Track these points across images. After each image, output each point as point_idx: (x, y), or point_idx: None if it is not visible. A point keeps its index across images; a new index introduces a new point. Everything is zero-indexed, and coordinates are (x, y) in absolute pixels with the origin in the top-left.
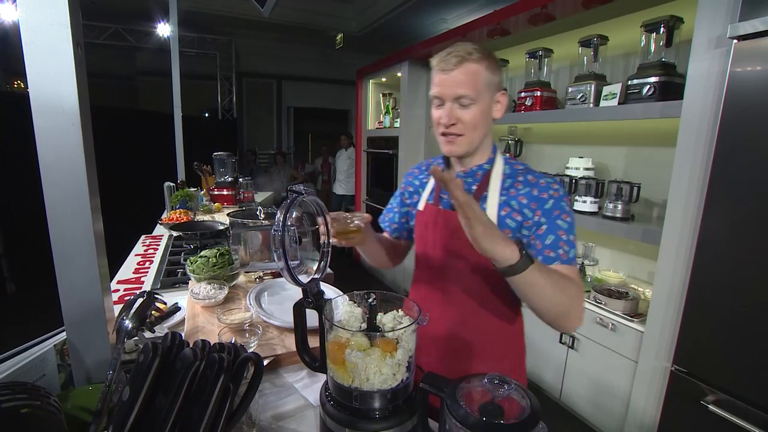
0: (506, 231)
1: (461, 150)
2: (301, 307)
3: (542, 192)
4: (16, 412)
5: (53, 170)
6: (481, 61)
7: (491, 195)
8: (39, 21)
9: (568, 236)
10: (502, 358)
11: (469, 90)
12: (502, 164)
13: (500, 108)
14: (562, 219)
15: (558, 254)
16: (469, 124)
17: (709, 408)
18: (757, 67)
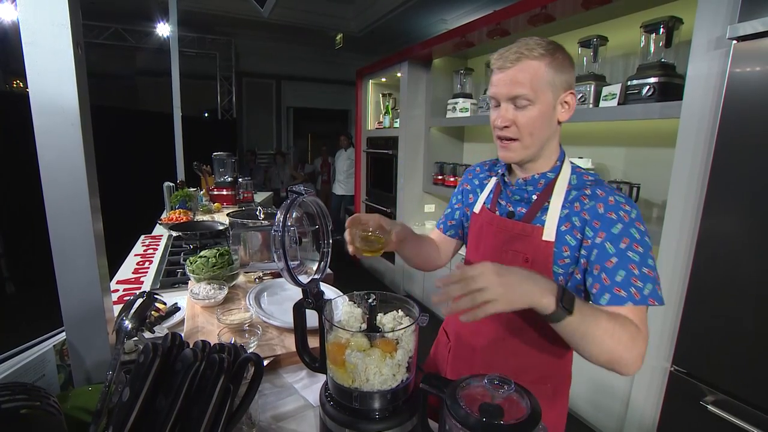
0: (564, 248)
1: (516, 156)
2: (301, 308)
3: (609, 211)
4: (16, 412)
5: (53, 170)
6: (543, 57)
7: (552, 207)
8: (39, 21)
9: (641, 270)
10: (542, 382)
11: (526, 89)
12: (569, 173)
13: (567, 110)
14: (633, 250)
15: (630, 294)
16: (525, 128)
17: (709, 408)
18: (756, 68)
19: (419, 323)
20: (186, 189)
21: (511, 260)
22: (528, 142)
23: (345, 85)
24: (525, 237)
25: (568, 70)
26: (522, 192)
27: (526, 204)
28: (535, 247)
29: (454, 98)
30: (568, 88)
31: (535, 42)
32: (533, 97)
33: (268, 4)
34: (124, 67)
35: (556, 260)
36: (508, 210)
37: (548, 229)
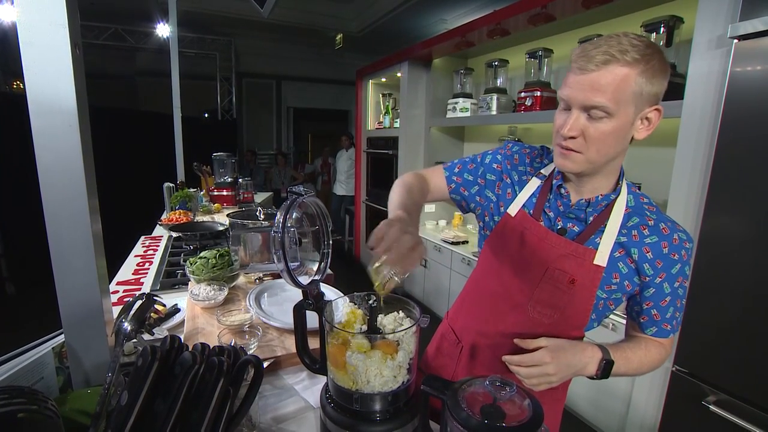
0: (614, 275)
1: (575, 168)
2: (301, 309)
3: (674, 252)
4: (13, 416)
5: (51, 171)
6: (637, 63)
7: (608, 231)
8: (37, 21)
9: (682, 302)
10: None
11: (607, 100)
12: (626, 194)
13: (646, 128)
14: (683, 287)
15: (673, 326)
16: (595, 142)
17: (711, 408)
18: (757, 67)
19: (420, 324)
20: (186, 189)
21: (557, 278)
22: (593, 158)
23: (345, 85)
24: (576, 258)
25: (660, 80)
26: (580, 212)
27: (579, 222)
28: (585, 270)
29: (455, 98)
30: (655, 102)
31: (630, 42)
32: (613, 110)
33: (267, 4)
34: (124, 68)
35: (603, 285)
36: (558, 226)
37: (601, 254)
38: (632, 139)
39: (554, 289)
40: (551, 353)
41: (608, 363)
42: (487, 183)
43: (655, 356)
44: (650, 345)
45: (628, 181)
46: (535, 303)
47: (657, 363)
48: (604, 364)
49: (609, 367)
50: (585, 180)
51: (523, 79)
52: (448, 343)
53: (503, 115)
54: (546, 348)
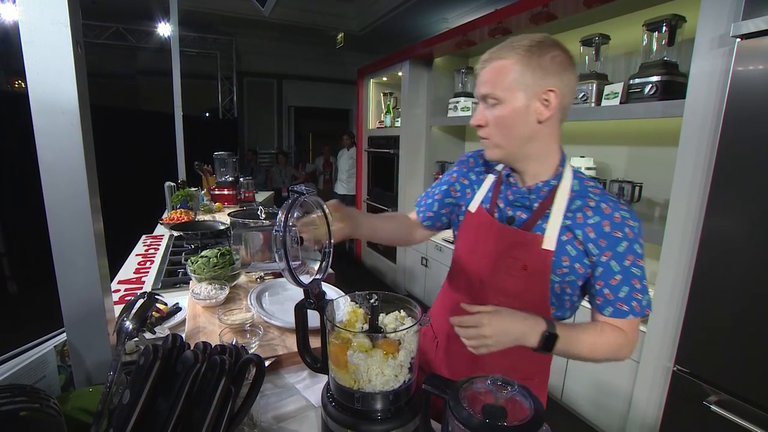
0: (563, 258)
1: (494, 156)
2: (303, 308)
3: (616, 229)
4: (15, 415)
5: (53, 170)
6: (515, 56)
7: (554, 215)
8: (38, 20)
9: (642, 283)
10: (529, 378)
11: (493, 88)
12: (571, 179)
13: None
14: (636, 265)
15: (632, 307)
16: (494, 126)
17: (712, 408)
18: (760, 66)
19: (421, 324)
20: (187, 189)
21: (510, 266)
22: (498, 141)
23: (346, 84)
24: (524, 245)
25: (545, 69)
26: (524, 200)
27: (526, 210)
28: (535, 255)
29: (456, 97)
30: (546, 86)
31: (513, 42)
32: (501, 96)
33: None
34: (125, 67)
35: (555, 269)
36: (507, 215)
37: (548, 238)
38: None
39: (509, 277)
40: (489, 317)
41: (551, 336)
42: (443, 194)
43: (612, 340)
44: (606, 328)
45: (575, 167)
46: (495, 293)
47: (616, 348)
48: (547, 336)
49: (552, 341)
50: (526, 172)
51: None
52: (427, 339)
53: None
54: (485, 312)
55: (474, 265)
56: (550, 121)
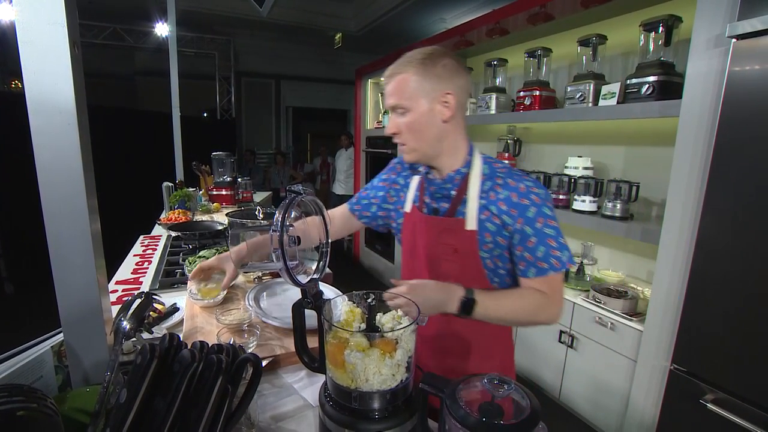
0: (486, 235)
1: (411, 158)
2: (300, 308)
3: (522, 198)
4: (13, 414)
5: (50, 170)
6: (410, 69)
7: (470, 199)
8: (35, 20)
9: (557, 241)
10: (490, 357)
11: (399, 99)
12: (481, 165)
13: (448, 108)
14: (549, 226)
15: (551, 264)
16: (406, 132)
17: (708, 407)
18: (755, 66)
19: (418, 323)
20: (185, 189)
21: (443, 252)
22: (414, 145)
23: (344, 84)
24: (451, 230)
25: (439, 76)
26: (442, 189)
27: (447, 200)
28: (461, 237)
29: None
30: (443, 90)
31: (405, 58)
32: (407, 105)
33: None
34: (123, 67)
35: (481, 246)
36: (433, 207)
37: (470, 220)
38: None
39: (445, 262)
40: (411, 287)
41: (469, 300)
42: (380, 199)
43: (532, 301)
44: (527, 291)
45: (484, 155)
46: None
47: (537, 308)
48: (464, 301)
49: (470, 305)
50: (441, 167)
51: (522, 79)
52: None
53: (502, 114)
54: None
55: (416, 259)
56: (454, 119)
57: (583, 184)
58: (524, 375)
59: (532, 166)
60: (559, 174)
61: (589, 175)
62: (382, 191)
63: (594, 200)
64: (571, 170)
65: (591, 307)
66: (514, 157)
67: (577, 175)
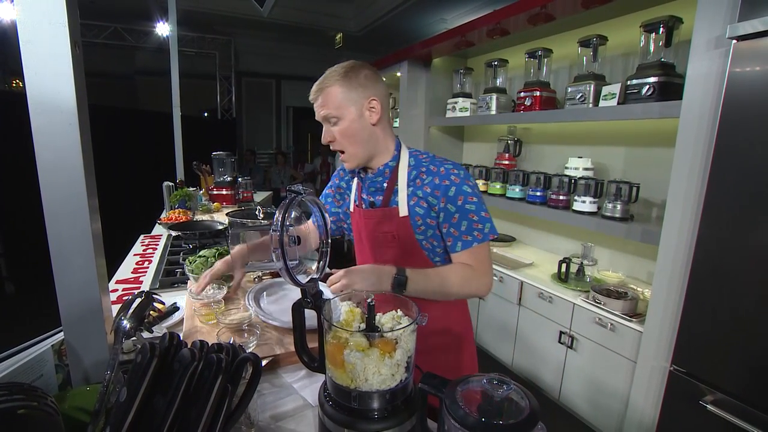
0: (417, 218)
1: (353, 164)
2: (300, 307)
3: (443, 179)
4: (13, 413)
5: (51, 170)
6: (335, 82)
7: (400, 189)
8: (36, 20)
9: (479, 215)
10: (447, 333)
11: (330, 109)
12: (407, 157)
13: (376, 113)
14: (469, 202)
15: (474, 236)
16: (342, 138)
17: (708, 408)
18: (756, 68)
19: (418, 323)
20: (185, 189)
21: (384, 240)
22: (352, 150)
23: None
24: (387, 218)
25: (363, 85)
26: (375, 184)
27: (381, 192)
28: (397, 224)
29: (454, 98)
30: (368, 97)
31: (329, 72)
32: (338, 114)
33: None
34: (124, 67)
35: (415, 230)
36: (369, 201)
37: (401, 207)
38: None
39: (388, 249)
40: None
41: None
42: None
43: (460, 274)
44: (455, 265)
45: (411, 148)
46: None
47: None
48: (396, 279)
49: (402, 282)
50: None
51: (523, 79)
52: None
53: (503, 114)
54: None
55: (364, 252)
56: (381, 122)
57: (584, 184)
58: (524, 375)
59: (532, 166)
60: (559, 175)
61: (589, 175)
62: (330, 197)
63: (594, 201)
64: (572, 171)
65: (591, 308)
66: (514, 158)
67: (578, 176)
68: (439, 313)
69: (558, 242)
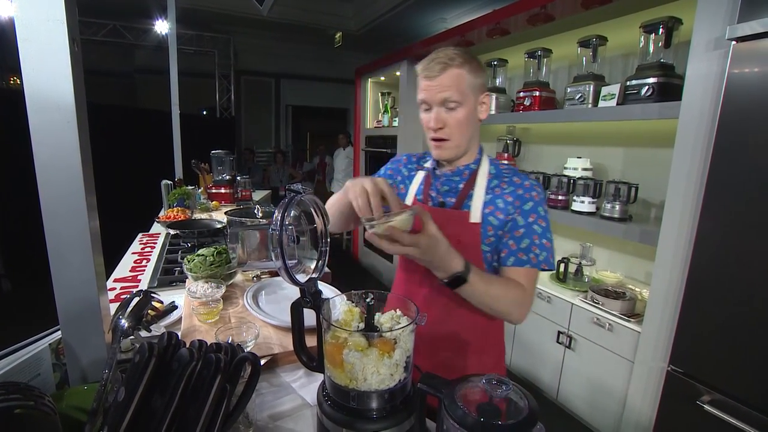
0: (488, 228)
1: (450, 154)
2: (299, 307)
3: (526, 192)
4: (10, 412)
5: (49, 168)
6: (464, 65)
7: (477, 193)
8: (34, 17)
9: (541, 240)
10: (482, 353)
11: (454, 93)
12: (488, 165)
13: (485, 109)
14: (538, 224)
15: (529, 258)
16: (455, 127)
17: (705, 408)
18: (755, 69)
19: (417, 323)
20: (184, 187)
21: None
22: (458, 141)
23: (344, 83)
24: (456, 221)
25: (482, 74)
26: (450, 182)
27: (454, 194)
28: (465, 229)
29: None
30: (483, 89)
31: (453, 52)
32: (460, 99)
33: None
34: (123, 65)
35: (483, 240)
36: (439, 201)
37: (475, 212)
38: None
39: None
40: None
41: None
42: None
43: (515, 294)
44: (512, 282)
45: (490, 156)
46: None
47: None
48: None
49: (459, 282)
50: (457, 161)
51: (522, 79)
52: None
53: (502, 114)
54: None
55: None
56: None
57: (582, 185)
58: (522, 375)
59: (531, 166)
60: (558, 175)
61: (588, 176)
62: (390, 180)
63: (593, 201)
64: (571, 171)
65: (589, 308)
66: (513, 158)
67: (576, 176)
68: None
69: (556, 242)
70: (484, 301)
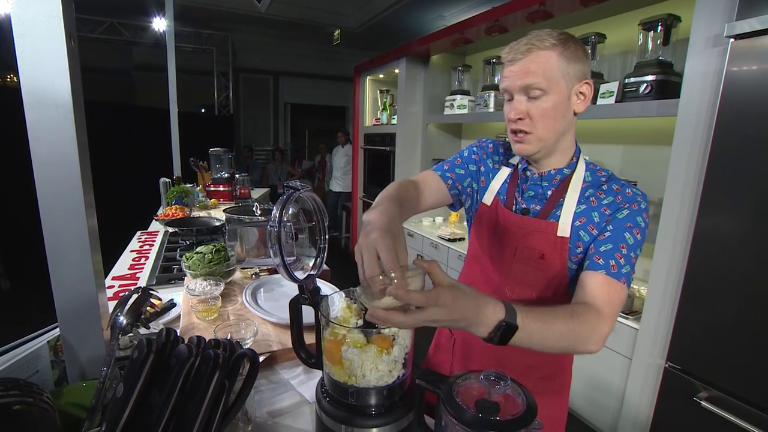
0: (578, 244)
1: (531, 149)
2: (297, 304)
3: (624, 202)
4: (8, 408)
5: (46, 165)
6: (555, 47)
7: (568, 203)
8: (31, 13)
9: (628, 252)
10: (551, 378)
11: (539, 78)
12: (584, 170)
13: (583, 101)
14: (631, 232)
15: (607, 264)
16: (539, 119)
17: (702, 404)
18: (753, 66)
19: None
20: (182, 185)
21: (527, 256)
22: (542, 134)
23: (343, 81)
24: (540, 233)
25: (581, 59)
26: (537, 187)
27: (540, 201)
28: (551, 243)
29: (452, 95)
30: (583, 78)
31: (546, 33)
32: (546, 87)
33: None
34: (120, 62)
35: (571, 256)
36: (522, 207)
37: (563, 225)
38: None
39: (527, 268)
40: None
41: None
42: (471, 174)
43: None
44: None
45: (586, 159)
46: (512, 285)
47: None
48: (504, 327)
49: (509, 333)
50: (544, 162)
51: None
52: (444, 337)
53: (500, 112)
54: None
55: (491, 258)
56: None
57: None
58: None
59: None
60: None
61: None
62: (474, 165)
63: None
64: None
65: None
66: None
67: None
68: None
69: None
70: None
